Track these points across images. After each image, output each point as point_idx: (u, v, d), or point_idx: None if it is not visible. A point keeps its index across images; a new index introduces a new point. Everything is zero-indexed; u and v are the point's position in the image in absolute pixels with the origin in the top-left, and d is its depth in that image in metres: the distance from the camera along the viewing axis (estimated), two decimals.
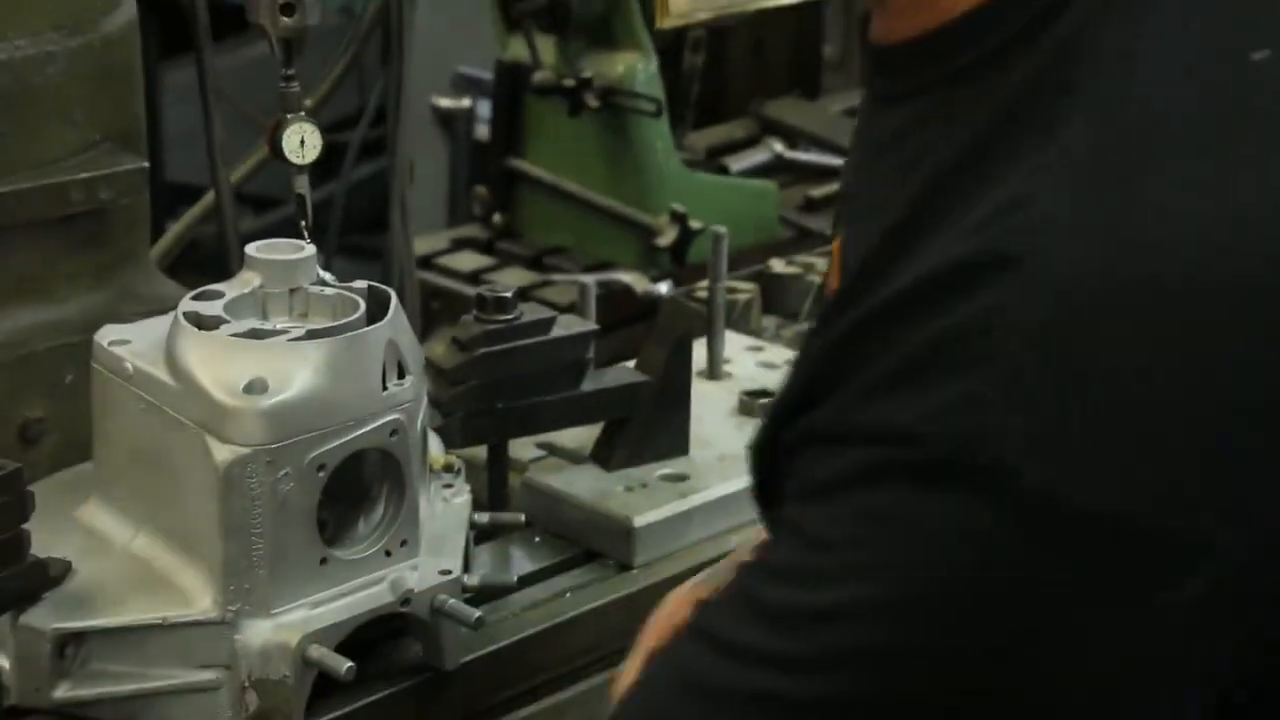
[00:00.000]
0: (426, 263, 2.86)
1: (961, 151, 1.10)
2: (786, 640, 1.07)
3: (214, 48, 2.47)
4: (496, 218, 2.87)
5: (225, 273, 1.91)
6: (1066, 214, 1.03)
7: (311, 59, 2.61)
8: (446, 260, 2.90)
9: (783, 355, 2.12)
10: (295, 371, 1.55)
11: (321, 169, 1.97)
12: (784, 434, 1.14)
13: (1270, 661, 1.10)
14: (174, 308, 1.68)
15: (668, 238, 2.61)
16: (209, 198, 2.33)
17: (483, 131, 3.34)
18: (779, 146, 3.14)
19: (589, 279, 2.02)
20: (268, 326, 1.62)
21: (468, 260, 2.91)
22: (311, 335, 1.58)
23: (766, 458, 1.18)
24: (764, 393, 2.06)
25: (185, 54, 3.19)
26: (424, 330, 2.41)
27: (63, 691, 1.55)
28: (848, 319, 1.11)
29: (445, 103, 3.60)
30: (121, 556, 1.62)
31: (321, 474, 1.57)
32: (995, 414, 1.00)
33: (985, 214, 1.04)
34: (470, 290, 2.48)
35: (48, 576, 1.56)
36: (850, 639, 1.05)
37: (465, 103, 3.59)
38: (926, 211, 1.09)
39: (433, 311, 2.73)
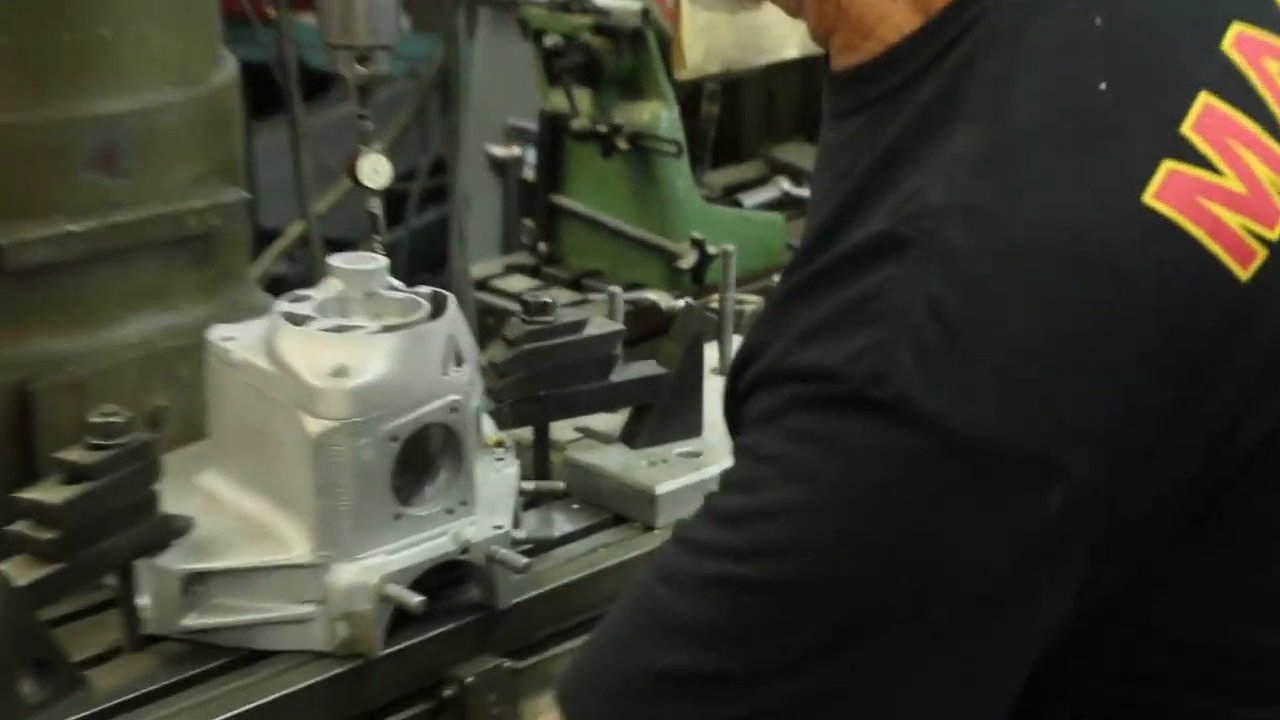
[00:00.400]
0: (482, 285, 2.89)
1: (881, 157, 1.16)
2: (734, 535, 1.14)
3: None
4: (542, 246, 2.89)
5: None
6: (947, 204, 1.09)
7: (381, 114, 2.73)
8: (499, 283, 2.93)
9: None
10: (372, 359, 1.61)
11: (390, 216, 2.05)
12: (741, 380, 1.19)
13: (1124, 573, 1.16)
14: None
15: (688, 261, 2.62)
16: (297, 227, 2.43)
17: (530, 173, 3.36)
18: (786, 184, 3.14)
19: (617, 289, 2.07)
20: (349, 323, 1.67)
21: (517, 282, 2.93)
22: (385, 330, 1.65)
23: (732, 400, 1.22)
24: None
25: (272, 116, 3.27)
26: (480, 342, 2.49)
27: (189, 621, 1.62)
28: (785, 288, 1.20)
29: (498, 151, 3.60)
30: (233, 513, 1.68)
31: (394, 444, 1.62)
32: (895, 358, 1.06)
33: (891, 204, 1.11)
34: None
35: (174, 528, 1.61)
36: (783, 531, 1.11)
37: (515, 151, 3.55)
38: (852, 205, 1.16)
39: (488, 326, 2.70)
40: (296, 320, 1.66)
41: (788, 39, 2.60)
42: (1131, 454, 1.12)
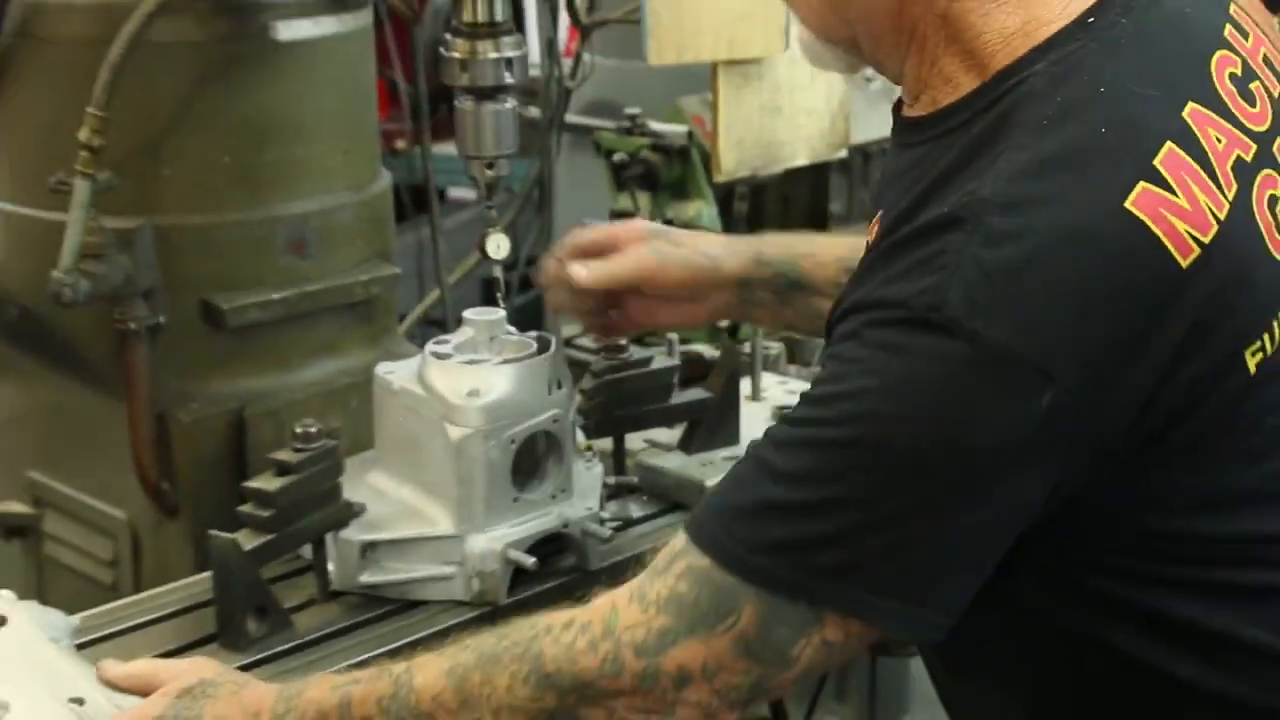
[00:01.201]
0: (568, 342, 2.89)
1: (944, 172, 1.25)
2: (824, 410, 1.24)
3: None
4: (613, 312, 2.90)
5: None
6: (992, 197, 1.19)
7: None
8: (581, 340, 2.89)
9: (801, 386, 2.12)
10: (496, 384, 1.66)
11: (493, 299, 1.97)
12: (835, 313, 1.28)
13: (1092, 465, 1.23)
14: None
15: (725, 321, 2.53)
16: (433, 295, 2.52)
17: None
18: None
19: (674, 336, 2.05)
20: (478, 358, 1.70)
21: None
22: (505, 362, 1.69)
23: (828, 329, 1.30)
24: (788, 408, 2.02)
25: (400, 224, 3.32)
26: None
27: (364, 578, 1.66)
28: (877, 250, 1.27)
29: None
30: (394, 500, 1.70)
31: (513, 446, 1.66)
32: (948, 295, 1.17)
33: (950, 198, 1.21)
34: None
35: (352, 511, 1.65)
36: (859, 407, 1.20)
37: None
38: (921, 201, 1.25)
39: (575, 370, 2.75)
40: (441, 356, 1.70)
41: (799, 151, 2.61)
42: (1100, 380, 1.19)
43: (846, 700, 2.74)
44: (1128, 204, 1.19)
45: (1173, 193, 1.20)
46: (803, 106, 2.56)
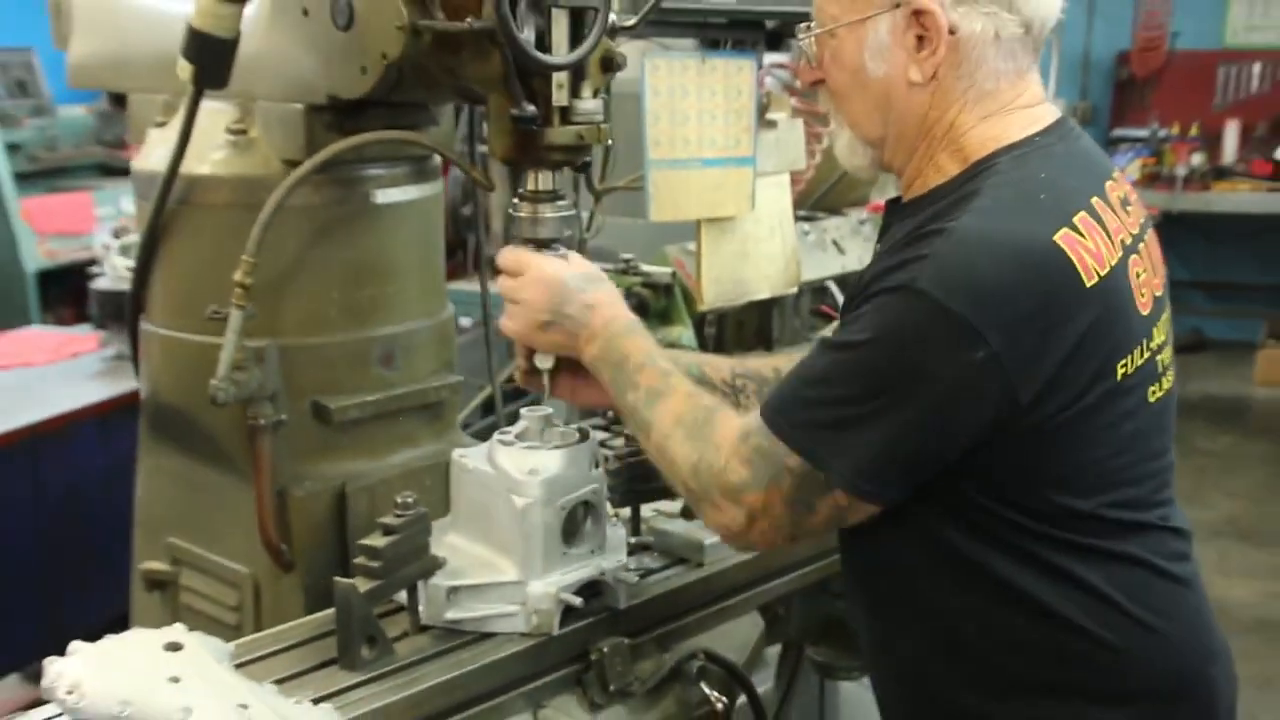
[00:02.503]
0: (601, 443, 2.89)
1: (933, 215, 1.41)
2: (841, 341, 1.42)
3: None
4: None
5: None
6: (962, 226, 1.35)
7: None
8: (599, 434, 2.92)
9: None
10: (550, 464, 1.69)
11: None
12: (857, 297, 1.43)
13: (1010, 420, 1.36)
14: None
15: None
16: (485, 393, 2.56)
17: None
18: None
19: None
20: (535, 445, 1.72)
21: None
22: (555, 448, 1.71)
23: (846, 309, 1.47)
24: None
25: None
26: None
27: (448, 615, 1.68)
28: (880, 263, 1.44)
29: None
30: (468, 555, 1.72)
31: (563, 512, 1.68)
32: (924, 274, 1.33)
33: (936, 228, 1.37)
34: None
35: (438, 563, 1.66)
36: (859, 339, 1.38)
37: None
38: (917, 235, 1.40)
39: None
40: (506, 443, 1.73)
41: (762, 288, 2.66)
42: (1020, 352, 1.33)
43: None
44: (1055, 238, 1.35)
45: (1085, 239, 1.37)
46: (764, 253, 2.64)
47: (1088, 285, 1.34)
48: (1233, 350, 8.25)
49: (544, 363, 1.74)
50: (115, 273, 3.36)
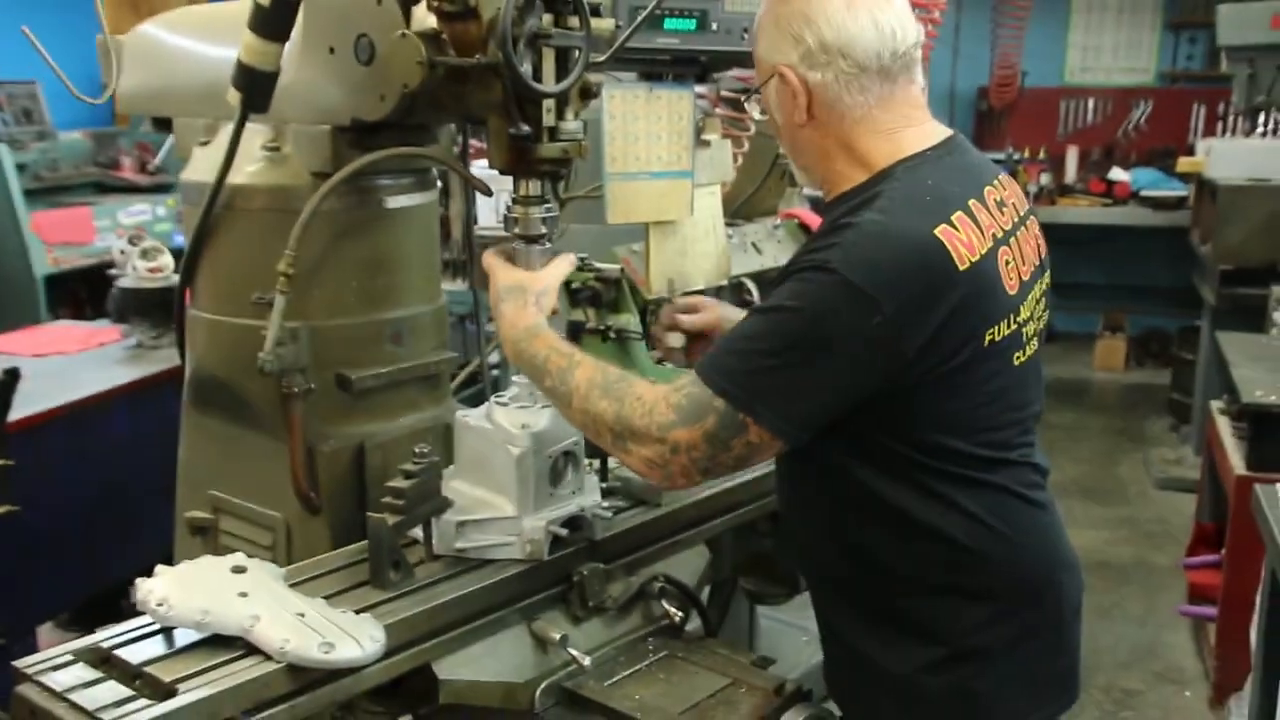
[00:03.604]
0: None
1: (845, 211, 1.47)
2: (768, 308, 1.46)
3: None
4: None
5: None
6: (865, 219, 1.42)
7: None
8: None
9: None
10: (539, 420, 1.75)
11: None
12: (780, 278, 1.47)
13: (899, 374, 1.41)
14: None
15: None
16: (473, 364, 2.49)
17: None
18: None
19: None
20: (526, 405, 1.78)
21: None
22: (544, 407, 1.74)
23: (775, 284, 1.48)
24: None
25: None
26: None
27: (456, 545, 1.72)
28: (803, 248, 1.50)
29: None
30: (470, 497, 1.75)
31: (549, 459, 1.74)
32: (835, 256, 1.39)
33: (845, 222, 1.44)
34: None
35: (447, 502, 1.71)
36: (782, 306, 1.43)
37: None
38: (830, 229, 1.47)
39: None
40: (502, 404, 1.79)
41: (698, 280, 2.68)
42: (906, 319, 1.39)
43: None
44: (935, 232, 1.42)
45: (959, 233, 1.44)
46: (700, 251, 2.67)
47: (960, 269, 1.41)
48: (1076, 340, 8.46)
49: (675, 341, 1.86)
50: (137, 274, 3.36)
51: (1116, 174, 8.03)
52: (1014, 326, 1.50)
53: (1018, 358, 1.52)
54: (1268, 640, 2.59)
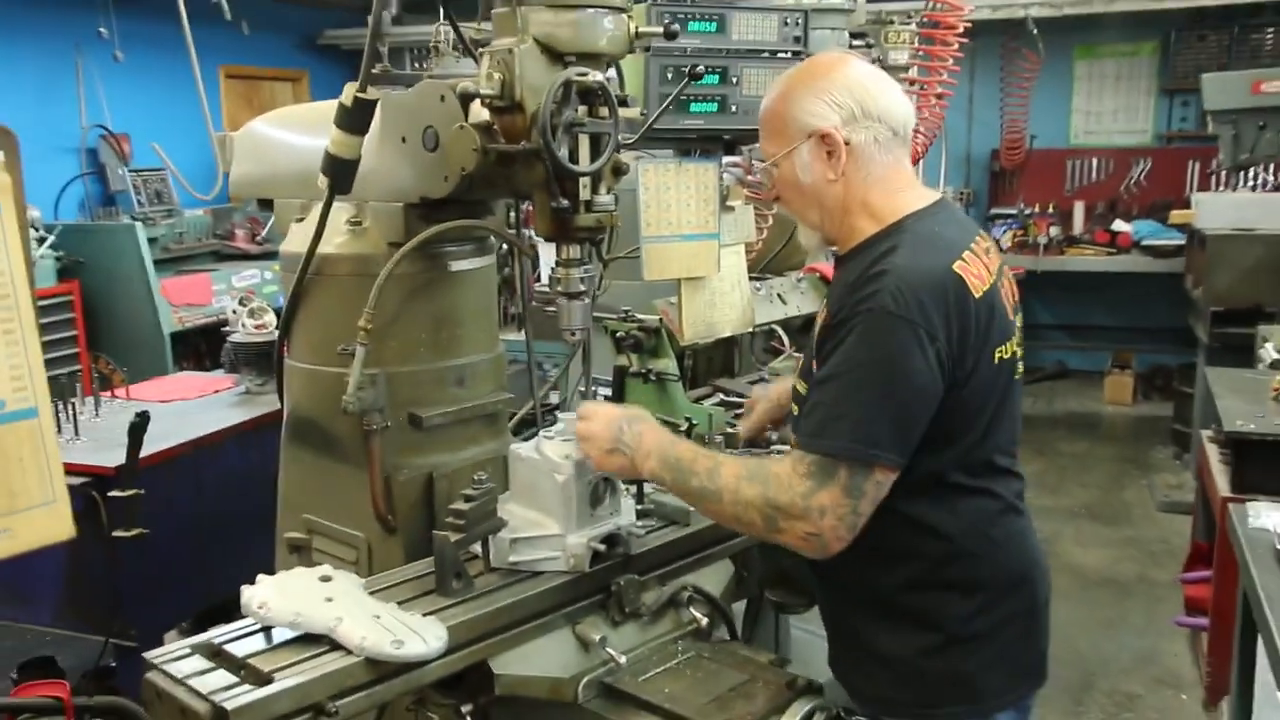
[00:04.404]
0: None
1: (869, 263, 1.51)
2: (838, 366, 1.46)
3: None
4: None
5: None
6: (896, 264, 1.47)
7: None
8: None
9: None
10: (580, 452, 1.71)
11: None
12: (830, 325, 1.49)
13: (951, 384, 1.46)
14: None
15: (685, 427, 2.41)
16: (526, 407, 2.44)
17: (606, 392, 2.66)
18: (721, 394, 3.01)
19: None
20: (569, 439, 1.76)
21: None
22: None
23: (822, 337, 1.50)
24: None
25: None
26: None
27: (510, 559, 1.74)
28: (840, 303, 1.49)
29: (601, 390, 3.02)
30: (522, 518, 1.76)
31: (590, 485, 1.75)
32: (885, 300, 1.43)
33: (877, 270, 1.47)
34: None
35: (502, 522, 1.72)
36: (856, 357, 1.45)
37: (605, 391, 2.93)
38: (861, 279, 1.49)
39: None
40: (549, 438, 1.79)
41: (726, 328, 2.69)
42: (949, 344, 1.44)
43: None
44: (953, 266, 1.48)
45: (970, 267, 1.50)
46: (728, 303, 2.69)
47: (977, 296, 1.48)
48: (1088, 377, 8.36)
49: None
50: (245, 330, 3.48)
51: (1119, 225, 7.95)
52: (1011, 350, 1.56)
53: (1015, 376, 1.57)
54: (1242, 644, 2.54)
